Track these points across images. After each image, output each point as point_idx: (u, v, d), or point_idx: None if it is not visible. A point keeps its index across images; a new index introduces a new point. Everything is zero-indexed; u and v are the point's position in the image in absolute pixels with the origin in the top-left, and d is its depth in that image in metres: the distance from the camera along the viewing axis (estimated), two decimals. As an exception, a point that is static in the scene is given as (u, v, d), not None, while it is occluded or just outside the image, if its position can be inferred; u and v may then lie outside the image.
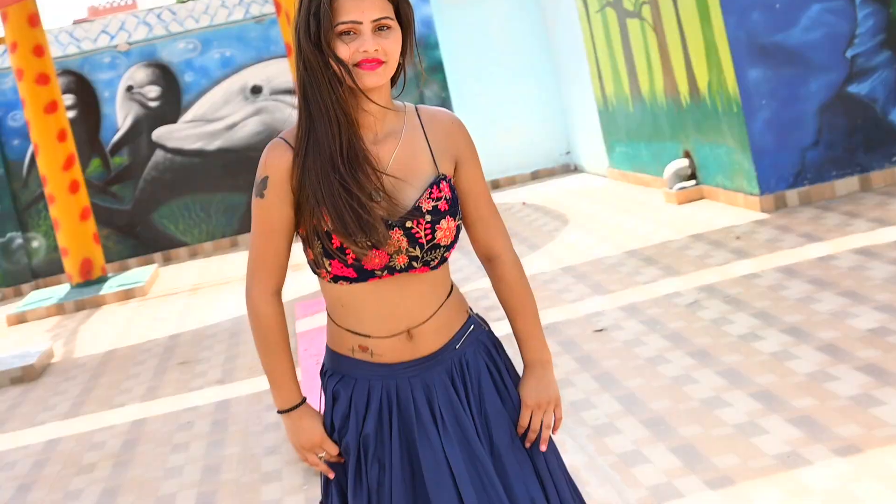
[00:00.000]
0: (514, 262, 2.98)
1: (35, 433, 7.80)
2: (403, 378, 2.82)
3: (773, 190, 9.71)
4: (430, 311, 2.81)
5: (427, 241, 2.71)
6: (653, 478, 4.83)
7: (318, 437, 2.83)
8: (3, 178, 15.64)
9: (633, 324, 7.26)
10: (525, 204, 13.78)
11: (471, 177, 2.88)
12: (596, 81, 14.17)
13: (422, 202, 2.72)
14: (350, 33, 2.64)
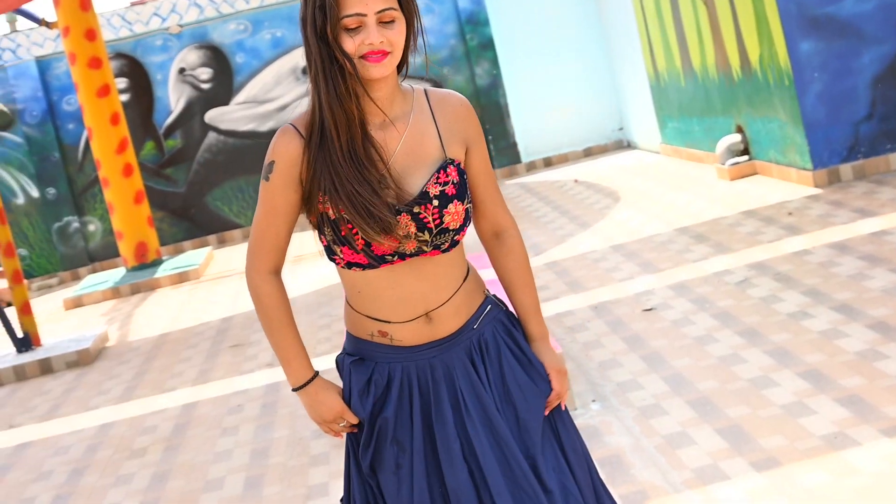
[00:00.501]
0: (520, 237, 3.04)
1: (89, 417, 7.89)
2: (423, 360, 2.86)
3: (826, 164, 9.59)
4: (448, 293, 2.83)
5: (436, 225, 2.74)
6: (698, 460, 4.80)
7: (338, 408, 2.87)
8: (59, 162, 15.81)
9: (682, 302, 7.21)
10: (577, 181, 13.72)
11: (480, 159, 2.93)
12: (647, 56, 14.06)
13: (429, 187, 2.75)
14: (355, 26, 2.67)
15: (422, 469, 2.81)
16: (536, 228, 11.19)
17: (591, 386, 6.06)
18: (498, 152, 16.17)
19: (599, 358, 6.52)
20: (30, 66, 15.80)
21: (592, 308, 7.64)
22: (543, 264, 9.42)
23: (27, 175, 15.88)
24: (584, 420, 5.58)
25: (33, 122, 15.81)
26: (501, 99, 16.17)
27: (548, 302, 8.12)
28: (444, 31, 16.19)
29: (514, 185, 15.05)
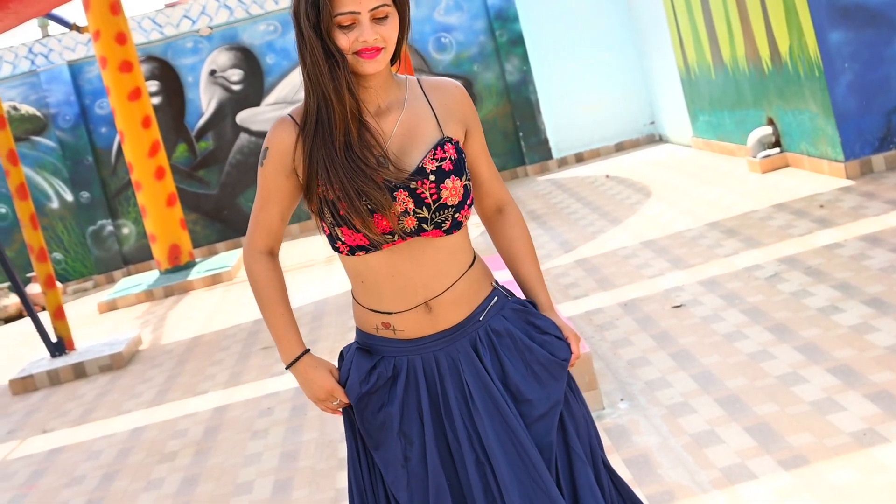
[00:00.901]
0: (519, 212, 3.10)
1: (121, 421, 7.93)
2: (428, 353, 2.88)
3: (858, 155, 9.51)
4: (448, 281, 2.86)
5: (433, 200, 2.77)
6: (726, 458, 4.76)
7: (328, 386, 2.91)
8: (93, 165, 15.91)
9: (711, 298, 7.16)
10: (608, 177, 13.67)
11: (479, 140, 2.99)
12: (678, 50, 13.99)
13: (426, 163, 2.79)
14: (349, 23, 2.71)
15: (435, 462, 2.84)
16: (567, 225, 11.15)
17: (620, 385, 6.03)
18: (529, 149, 16.14)
19: (628, 356, 6.48)
20: (62, 71, 15.90)
21: (622, 305, 7.60)
22: (573, 261, 9.39)
23: (61, 179, 16.00)
24: (612, 419, 5.56)
25: (66, 126, 15.92)
26: (532, 95, 16.13)
27: (577, 300, 8.09)
28: (473, 28, 16.17)
29: (546, 181, 15.01)
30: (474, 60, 16.21)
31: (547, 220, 11.84)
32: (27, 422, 8.65)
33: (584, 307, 7.84)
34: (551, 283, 8.80)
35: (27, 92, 15.96)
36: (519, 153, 16.27)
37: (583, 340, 6.05)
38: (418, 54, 16.15)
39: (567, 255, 9.69)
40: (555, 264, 9.49)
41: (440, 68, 16.17)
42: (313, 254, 13.29)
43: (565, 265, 9.34)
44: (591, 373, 5.72)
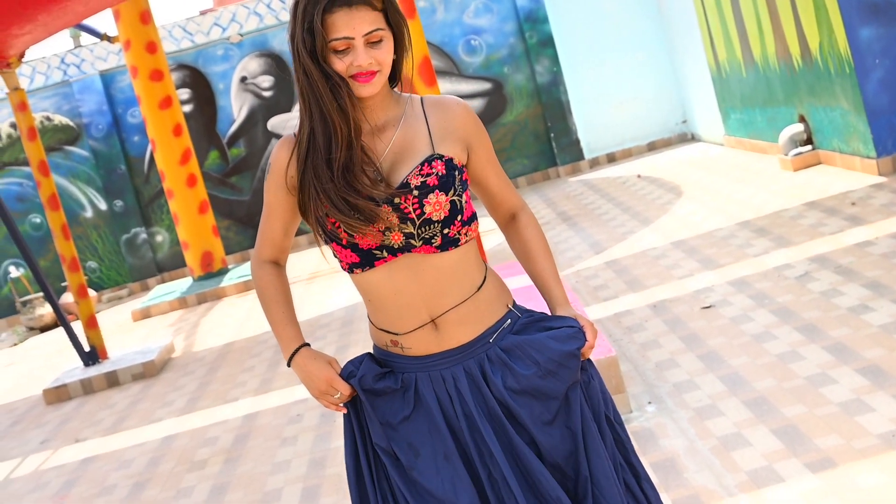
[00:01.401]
0: (533, 215, 3.10)
1: (152, 430, 7.95)
2: (436, 370, 2.88)
3: (891, 151, 9.42)
4: (452, 301, 2.84)
5: (417, 215, 2.75)
6: (753, 462, 4.71)
7: (327, 375, 2.90)
8: (126, 174, 15.99)
9: (741, 299, 7.10)
10: (640, 177, 13.61)
11: (485, 154, 2.97)
12: (708, 48, 13.91)
13: (410, 178, 2.77)
14: (343, 48, 2.73)
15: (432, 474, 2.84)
16: (598, 226, 11.11)
17: (648, 387, 5.99)
18: (560, 150, 16.10)
19: (656, 358, 6.44)
20: (94, 81, 16.00)
21: (651, 307, 7.55)
22: (603, 263, 9.35)
23: (95, 188, 16.09)
24: (640, 423, 5.52)
25: (99, 135, 16.01)
26: (563, 96, 16.09)
27: (607, 302, 8.05)
28: (503, 30, 16.14)
29: (577, 182, 14.97)
30: (504, 62, 16.18)
31: (578, 221, 11.80)
32: (60, 431, 8.70)
33: (613, 309, 7.80)
34: (581, 284, 8.77)
35: (60, 102, 16.06)
36: (550, 154, 16.24)
37: (610, 344, 6.03)
38: (448, 57, 16.14)
39: (597, 257, 9.66)
40: (585, 266, 9.45)
41: (470, 70, 16.16)
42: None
43: (595, 266, 9.30)
44: (617, 376, 5.68)
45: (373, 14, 2.71)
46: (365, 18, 2.70)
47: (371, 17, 2.71)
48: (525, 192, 15.64)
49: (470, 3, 16.16)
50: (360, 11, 2.69)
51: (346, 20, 2.69)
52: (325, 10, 2.69)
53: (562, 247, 10.58)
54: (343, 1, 2.68)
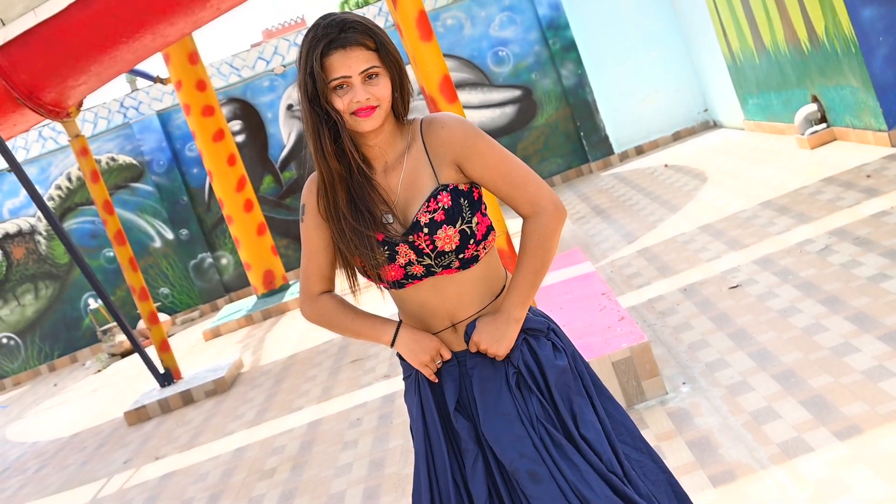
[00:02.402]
0: (550, 219, 2.85)
1: (225, 443, 7.96)
2: (461, 365, 2.91)
3: (901, 123, 9.25)
4: (474, 308, 2.87)
5: (431, 250, 2.77)
6: (783, 433, 4.62)
7: (435, 343, 2.87)
8: (188, 204, 16.07)
9: (766, 276, 6.99)
10: (667, 166, 13.48)
11: (479, 167, 2.82)
12: (721, 39, 13.76)
13: (419, 216, 2.77)
14: (343, 86, 2.73)
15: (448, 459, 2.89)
16: (629, 217, 11.01)
17: (682, 369, 5.90)
18: (591, 147, 15.99)
19: (689, 339, 6.35)
20: (152, 120, 16.09)
21: (682, 290, 7.46)
22: (636, 252, 9.25)
23: (161, 220, 16.18)
24: (675, 403, 5.44)
25: (161, 170, 16.10)
26: (589, 96, 15.98)
27: (640, 289, 7.96)
28: (527, 39, 16.06)
29: (609, 175, 14.86)
30: (532, 69, 16.10)
31: (611, 213, 11.70)
32: (142, 450, 8.74)
33: (646, 295, 7.71)
34: (616, 274, 8.69)
35: (123, 143, 16.17)
36: (582, 152, 16.13)
37: (643, 331, 5.95)
38: (478, 69, 16.09)
39: (630, 246, 9.56)
40: (619, 256, 9.36)
41: (500, 80, 16.09)
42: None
43: (629, 256, 9.21)
44: (651, 361, 5.60)
45: (367, 53, 2.73)
46: (360, 57, 2.72)
47: (365, 56, 2.73)
48: (560, 189, 15.55)
49: (495, 17, 16.09)
50: (355, 51, 2.72)
51: (343, 60, 2.71)
52: (322, 55, 2.72)
53: (597, 239, 10.49)
54: (338, 43, 2.71)
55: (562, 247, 10.64)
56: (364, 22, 2.76)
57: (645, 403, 5.58)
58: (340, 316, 2.95)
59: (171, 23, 9.45)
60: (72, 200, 16.14)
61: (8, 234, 16.30)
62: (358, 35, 2.72)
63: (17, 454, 10.58)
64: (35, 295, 16.33)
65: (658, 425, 5.23)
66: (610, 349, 5.66)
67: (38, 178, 16.14)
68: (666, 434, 5.08)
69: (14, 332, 16.34)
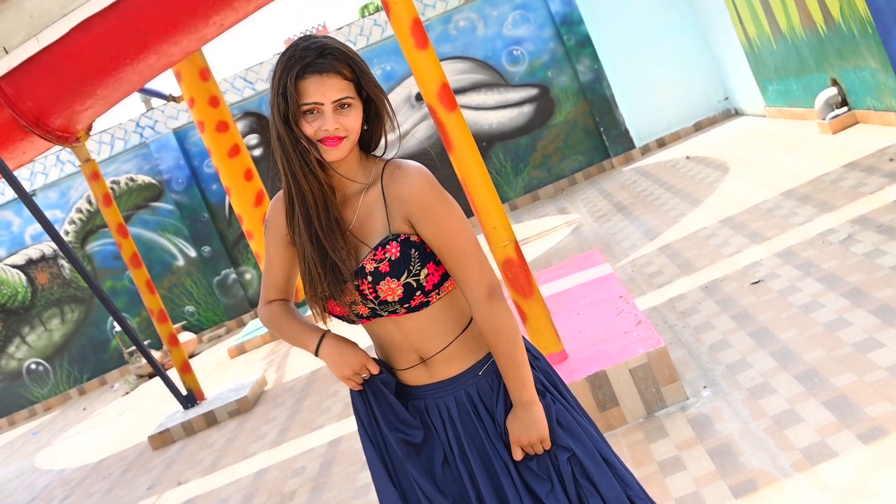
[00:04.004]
0: (481, 316, 2.72)
1: (246, 466, 7.86)
2: (430, 398, 2.84)
3: (923, 104, 9.04)
4: (440, 344, 2.79)
5: (373, 298, 2.70)
6: (806, 438, 4.45)
7: (361, 357, 2.79)
8: (209, 221, 16.02)
9: (788, 270, 6.81)
10: (688, 158, 13.29)
11: (429, 233, 2.71)
12: (738, 26, 13.55)
13: (365, 262, 2.70)
14: (313, 112, 2.66)
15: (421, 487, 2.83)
16: (651, 212, 10.83)
17: (703, 371, 5.74)
18: (611, 142, 15.82)
19: (710, 340, 6.19)
20: (169, 139, 16.05)
21: (703, 288, 7.29)
22: (657, 249, 9.08)
23: (183, 238, 16.14)
24: (696, 409, 5.28)
25: (180, 188, 16.06)
26: (607, 91, 15.81)
27: (661, 288, 7.80)
28: (541, 37, 15.91)
29: (630, 170, 14.68)
30: (547, 67, 15.94)
31: (632, 209, 11.52)
32: (165, 475, 8.65)
33: (667, 294, 7.54)
34: (637, 273, 8.53)
35: (141, 163, 16.14)
36: (603, 148, 15.96)
37: (659, 335, 5.79)
38: (493, 70, 15.95)
39: (651, 244, 9.39)
40: (640, 254, 9.20)
41: (516, 79, 15.94)
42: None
43: (650, 253, 9.04)
44: (669, 366, 5.45)
45: (343, 83, 2.65)
46: (335, 86, 2.64)
47: (341, 86, 2.65)
48: (582, 186, 15.39)
49: (507, 16, 15.94)
50: (331, 79, 2.64)
51: (317, 86, 2.63)
52: (297, 77, 2.64)
53: (618, 237, 10.32)
54: (314, 68, 2.63)
55: (581, 248, 10.48)
56: (344, 49, 2.68)
57: (665, 410, 5.42)
58: (282, 322, 2.90)
59: (175, 42, 9.36)
60: (93, 223, 16.12)
61: (31, 259, 16.31)
62: (336, 62, 2.64)
63: (44, 483, 10.53)
64: (61, 319, 16.33)
65: (678, 433, 5.08)
66: (627, 356, 5.51)
67: (58, 202, 16.14)
68: (687, 442, 4.93)
69: (42, 357, 16.34)
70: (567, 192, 15.53)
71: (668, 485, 4.56)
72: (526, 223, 14.09)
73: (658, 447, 5.02)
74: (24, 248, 16.27)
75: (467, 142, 5.66)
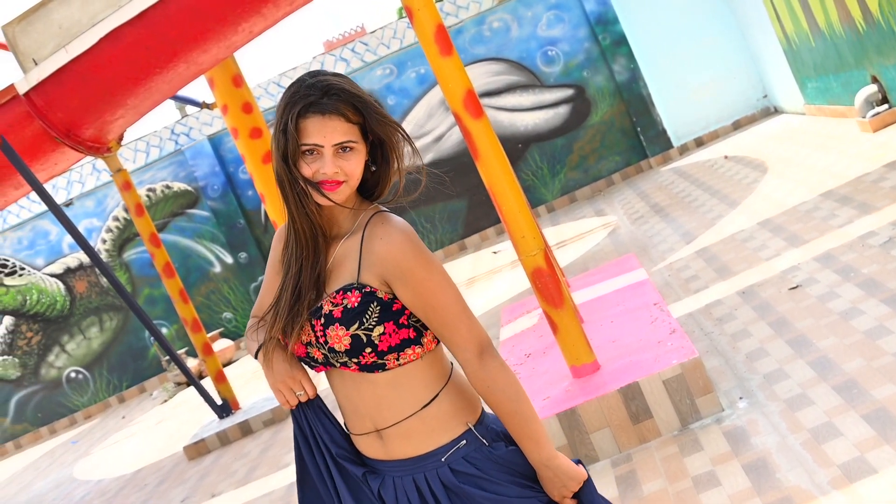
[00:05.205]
0: (476, 372, 2.56)
1: (279, 477, 7.79)
2: (387, 475, 2.62)
3: (965, 100, 8.83)
4: (395, 416, 2.56)
5: (322, 342, 2.53)
6: (844, 453, 4.31)
7: (299, 374, 2.62)
8: (245, 227, 16.00)
9: (827, 275, 6.65)
10: (727, 157, 13.10)
11: (408, 296, 2.54)
12: (776, 23, 13.35)
13: (324, 303, 2.55)
14: (313, 152, 2.53)
15: None
16: (688, 214, 10.68)
17: (739, 381, 5.60)
18: (648, 142, 15.65)
19: (746, 349, 6.04)
20: (204, 146, 16.04)
21: (740, 294, 7.14)
22: (694, 252, 8.93)
23: (219, 244, 16.13)
24: (732, 421, 5.14)
25: (215, 195, 16.05)
26: (643, 90, 15.64)
27: (698, 293, 7.66)
28: (576, 37, 15.76)
29: (668, 170, 14.51)
30: (583, 67, 15.80)
31: (669, 211, 11.37)
32: (199, 487, 8.60)
33: (704, 300, 7.40)
34: (673, 277, 8.39)
35: (177, 170, 16.15)
36: (640, 148, 15.79)
37: (693, 345, 5.66)
38: (528, 71, 15.83)
39: (688, 247, 9.24)
40: (677, 257, 9.05)
41: (551, 80, 15.81)
42: (458, 275, 13.06)
43: (686, 257, 8.90)
44: (704, 377, 5.32)
45: (345, 125, 2.51)
46: (337, 129, 2.51)
47: (343, 129, 2.51)
48: (620, 187, 15.24)
49: (542, 16, 15.81)
50: (333, 121, 2.50)
51: (318, 127, 2.50)
52: (299, 115, 2.50)
53: (655, 240, 10.18)
54: (317, 108, 2.49)
55: (618, 251, 10.34)
56: (351, 90, 2.52)
57: (700, 422, 5.29)
58: (249, 332, 2.80)
59: (205, 50, 9.33)
60: (130, 231, 16.15)
61: (69, 268, 16.36)
62: (340, 104, 2.49)
63: (82, 493, 10.52)
64: (100, 327, 16.37)
65: (713, 447, 4.95)
66: (660, 367, 5.38)
67: (95, 210, 16.18)
68: (722, 457, 4.79)
69: (82, 365, 16.39)
70: (604, 194, 15.38)
71: (703, 501, 4.43)
72: (563, 225, 13.95)
73: (692, 461, 4.89)
74: (61, 258, 16.33)
75: (494, 149, 5.55)
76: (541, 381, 6.02)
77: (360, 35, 50.53)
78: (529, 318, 7.88)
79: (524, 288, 10.35)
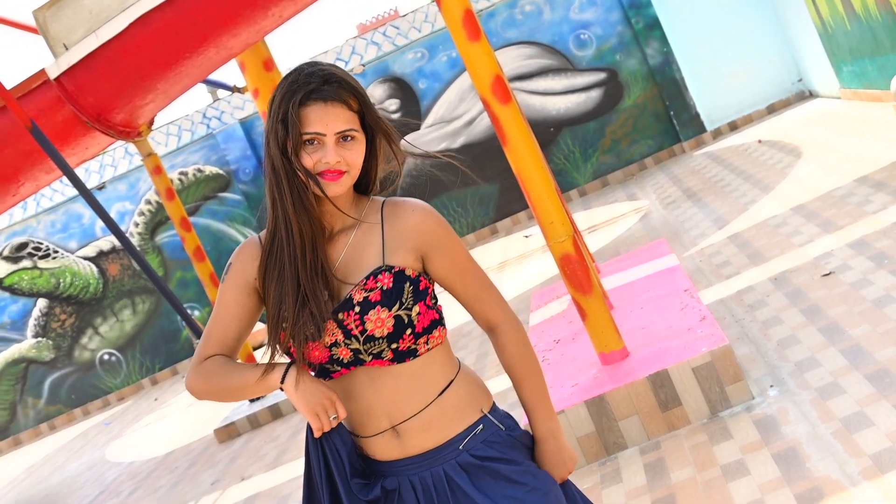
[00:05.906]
0: (514, 331, 2.62)
1: (307, 462, 7.79)
2: (403, 476, 2.55)
3: None
4: (413, 408, 2.51)
5: (359, 332, 2.45)
6: (875, 443, 4.25)
7: (333, 396, 2.45)
8: (276, 212, 16.01)
9: (860, 261, 6.57)
10: (761, 142, 12.99)
11: (445, 264, 2.57)
12: (811, 6, 13.21)
13: (354, 293, 2.47)
14: (314, 142, 2.47)
15: None
16: (721, 199, 10.59)
17: (770, 369, 5.54)
18: (682, 126, 15.54)
19: (778, 336, 5.98)
20: (236, 129, 16.06)
21: (772, 280, 7.07)
22: (726, 238, 8.86)
23: (251, 228, 16.17)
24: (762, 409, 5.09)
25: (247, 178, 16.08)
26: (676, 74, 15.53)
27: (729, 279, 7.59)
28: (609, 20, 15.66)
29: (701, 155, 14.40)
30: (615, 51, 15.69)
31: (702, 196, 11.28)
32: (229, 470, 8.63)
33: (735, 286, 7.33)
34: (705, 263, 8.32)
35: (208, 153, 16.18)
36: (673, 132, 15.68)
37: (723, 332, 5.60)
38: (561, 54, 15.74)
39: (720, 232, 9.17)
40: (708, 243, 8.98)
41: (584, 64, 15.71)
42: (488, 260, 13.03)
43: (718, 243, 8.82)
44: (734, 365, 5.26)
45: (347, 113, 2.47)
46: (339, 116, 2.46)
47: (345, 117, 2.47)
48: (652, 171, 15.14)
49: (574, 0, 15.71)
50: (335, 108, 2.46)
51: (321, 115, 2.45)
52: (300, 103, 2.45)
53: (687, 225, 10.10)
54: (319, 95, 2.44)
55: (649, 236, 10.28)
56: (349, 80, 2.50)
57: (730, 410, 5.24)
58: (226, 369, 2.54)
59: (234, 34, 9.31)
60: (162, 214, 16.20)
61: (102, 251, 16.44)
62: (342, 91, 2.46)
63: (113, 475, 10.58)
64: (133, 310, 16.46)
65: (743, 435, 4.90)
66: (690, 354, 5.33)
67: (127, 194, 16.24)
68: (751, 446, 4.75)
69: (114, 347, 16.48)
70: (637, 178, 15.29)
71: (731, 490, 4.39)
72: (595, 209, 13.88)
73: (721, 450, 4.85)
74: (94, 240, 16.41)
75: (522, 135, 5.51)
76: (569, 368, 5.98)
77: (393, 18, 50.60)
78: (559, 304, 7.84)
79: (554, 273, 10.31)
